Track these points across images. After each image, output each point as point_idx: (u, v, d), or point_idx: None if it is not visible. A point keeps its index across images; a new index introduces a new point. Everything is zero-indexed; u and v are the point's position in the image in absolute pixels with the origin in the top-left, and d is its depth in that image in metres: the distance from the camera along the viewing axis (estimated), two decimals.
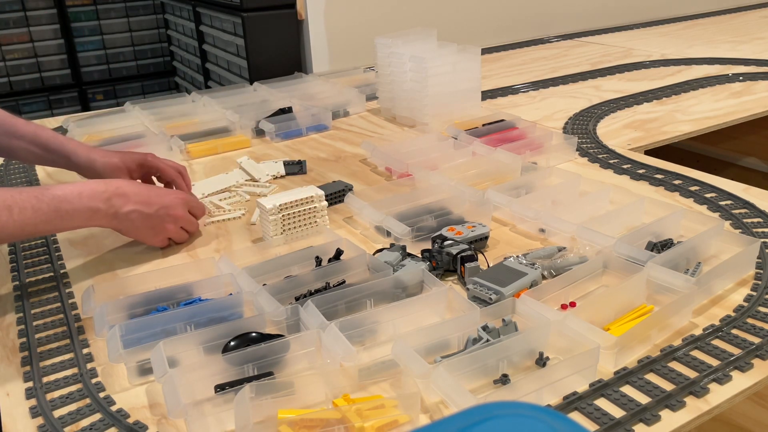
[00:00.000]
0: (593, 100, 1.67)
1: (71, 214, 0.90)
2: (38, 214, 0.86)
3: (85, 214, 0.91)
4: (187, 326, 0.81)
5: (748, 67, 1.91)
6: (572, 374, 0.69)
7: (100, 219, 0.93)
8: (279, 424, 0.64)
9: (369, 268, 0.91)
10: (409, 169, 1.23)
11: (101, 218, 0.93)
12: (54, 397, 0.73)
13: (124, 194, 0.95)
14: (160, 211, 0.99)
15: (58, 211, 0.88)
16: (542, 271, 0.88)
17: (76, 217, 0.90)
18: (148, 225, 0.99)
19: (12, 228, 0.84)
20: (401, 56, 1.52)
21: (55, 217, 0.88)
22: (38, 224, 0.87)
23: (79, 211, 0.91)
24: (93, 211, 0.92)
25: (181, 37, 2.72)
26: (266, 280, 0.90)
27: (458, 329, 0.76)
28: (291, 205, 1.01)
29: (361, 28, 2.16)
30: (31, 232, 0.88)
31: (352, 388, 0.70)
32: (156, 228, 1.00)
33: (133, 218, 0.96)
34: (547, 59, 2.18)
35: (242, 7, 1.99)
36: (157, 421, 0.69)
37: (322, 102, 1.69)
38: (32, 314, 0.89)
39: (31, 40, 2.88)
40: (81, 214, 0.91)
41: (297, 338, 0.75)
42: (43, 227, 0.88)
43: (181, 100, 1.76)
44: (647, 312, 0.80)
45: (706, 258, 0.92)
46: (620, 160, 1.28)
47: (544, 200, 1.08)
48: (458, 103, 1.55)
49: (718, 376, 0.70)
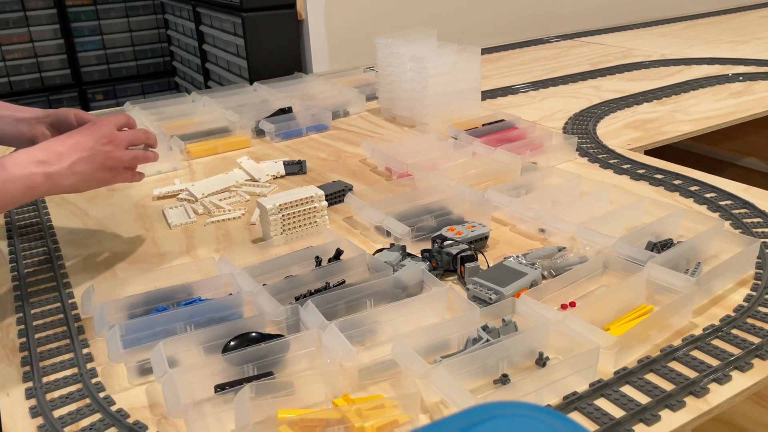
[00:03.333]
0: (593, 100, 1.67)
1: (3, 187, 0.80)
2: None
3: (19, 183, 0.81)
4: (187, 326, 0.81)
5: (748, 67, 1.91)
6: (572, 374, 0.69)
7: (40, 185, 0.83)
8: (279, 424, 0.64)
9: (369, 268, 0.91)
10: (409, 169, 1.23)
11: (40, 184, 0.83)
12: (54, 397, 0.73)
13: (52, 151, 0.85)
14: (98, 146, 0.88)
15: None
16: (542, 271, 0.88)
17: (9, 188, 0.80)
18: (97, 167, 0.88)
19: None
20: (401, 56, 1.52)
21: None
22: None
23: (11, 181, 0.80)
24: (28, 178, 0.82)
25: (181, 37, 2.72)
26: (266, 280, 0.90)
27: (458, 329, 0.76)
28: (291, 205, 1.01)
29: (361, 28, 2.16)
30: None
31: (352, 388, 0.70)
32: (107, 165, 0.89)
33: (79, 169, 0.87)
34: (547, 59, 2.18)
35: (242, 7, 1.99)
36: (157, 421, 0.69)
37: (322, 102, 1.69)
38: (32, 314, 0.89)
39: (31, 40, 2.88)
40: (14, 185, 0.80)
41: (297, 338, 0.75)
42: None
43: (181, 100, 1.76)
44: (647, 312, 0.80)
45: (706, 258, 0.92)
46: (620, 160, 1.28)
47: (544, 200, 1.08)
48: (458, 103, 1.55)
49: (718, 376, 0.70)
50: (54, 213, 1.20)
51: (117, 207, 1.21)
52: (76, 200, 1.25)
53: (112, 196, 1.26)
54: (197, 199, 1.22)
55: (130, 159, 0.93)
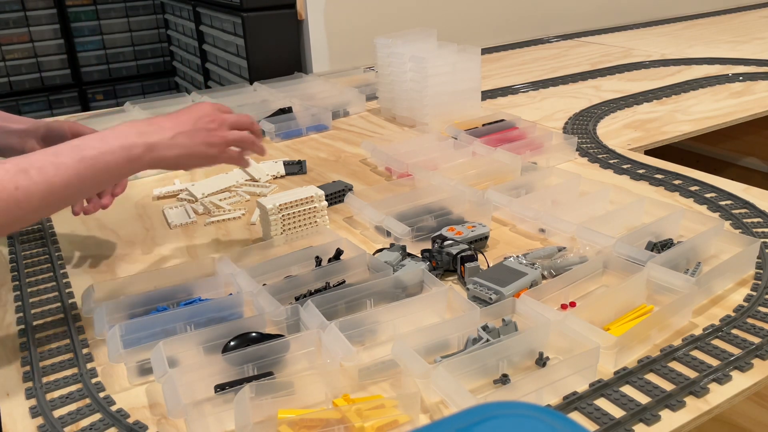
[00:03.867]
0: (593, 100, 1.67)
1: (102, 158, 0.77)
2: (62, 170, 0.74)
3: (119, 154, 0.78)
4: (187, 326, 0.81)
5: (748, 67, 1.91)
6: (572, 374, 0.69)
7: (141, 156, 0.80)
8: (279, 424, 0.64)
9: (369, 268, 0.91)
10: (409, 169, 1.23)
11: (141, 155, 0.80)
12: (54, 397, 0.73)
13: (153, 123, 0.83)
14: (199, 123, 0.87)
15: (83, 160, 0.76)
16: (542, 271, 0.88)
17: (108, 159, 0.78)
18: (199, 141, 0.86)
19: (39, 192, 0.72)
20: (401, 56, 1.52)
21: (83, 167, 0.75)
22: (69, 183, 0.74)
23: (109, 152, 0.78)
24: (128, 148, 0.79)
25: (181, 37, 2.72)
26: (266, 280, 0.90)
27: (458, 329, 0.76)
28: (291, 205, 1.01)
29: (361, 28, 2.16)
30: (65, 195, 0.75)
31: (352, 388, 0.70)
32: (209, 141, 0.87)
33: (181, 142, 0.84)
34: (547, 59, 2.18)
35: (242, 7, 1.99)
36: (157, 421, 0.69)
37: (322, 102, 1.69)
38: (32, 314, 0.89)
39: (31, 40, 2.88)
40: (114, 156, 0.78)
41: (297, 338, 0.75)
42: (77, 183, 0.75)
43: (181, 100, 1.76)
44: (647, 312, 0.80)
45: (706, 258, 0.92)
46: (620, 160, 1.28)
47: (544, 200, 1.08)
48: (458, 103, 1.55)
49: (718, 376, 0.70)
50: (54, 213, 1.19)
51: (117, 207, 1.21)
52: None
53: None
54: (197, 199, 1.22)
55: (234, 139, 0.91)
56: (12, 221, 0.72)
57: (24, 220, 0.74)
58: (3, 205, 0.70)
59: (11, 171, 0.72)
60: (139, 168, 0.83)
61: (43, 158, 0.75)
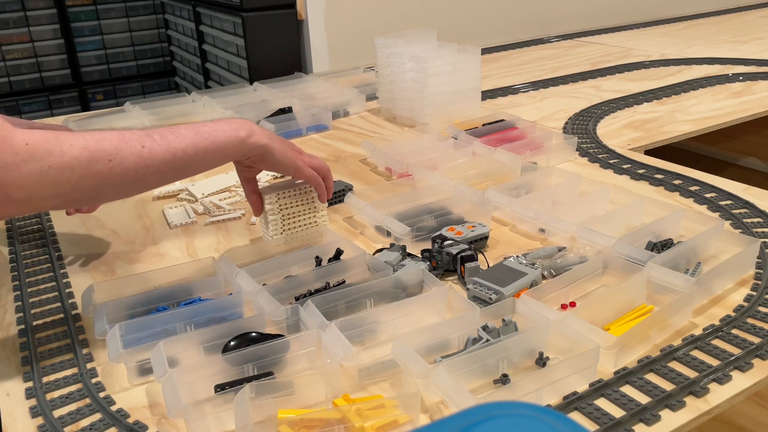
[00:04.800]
0: (593, 100, 1.67)
1: (214, 134, 0.84)
2: (181, 138, 0.80)
3: (227, 132, 0.85)
4: (187, 326, 0.81)
5: (748, 67, 1.91)
6: (572, 374, 0.69)
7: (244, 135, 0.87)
8: (279, 424, 0.64)
9: (369, 268, 0.91)
10: (409, 169, 1.23)
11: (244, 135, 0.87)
12: (54, 397, 0.73)
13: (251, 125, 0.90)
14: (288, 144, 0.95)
15: (198, 133, 0.82)
16: (542, 271, 0.88)
17: (219, 135, 0.84)
18: (290, 147, 0.94)
19: (162, 154, 0.78)
20: (401, 56, 1.52)
21: (200, 139, 0.82)
22: (186, 149, 0.80)
23: (221, 130, 0.85)
24: (235, 129, 0.86)
25: (181, 37, 2.72)
26: (266, 280, 0.90)
27: (458, 329, 0.76)
28: (289, 194, 1.00)
29: (361, 28, 2.16)
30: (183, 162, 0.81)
31: (352, 388, 0.70)
32: (295, 150, 0.95)
33: (275, 139, 0.91)
34: (547, 59, 2.18)
35: (242, 7, 1.99)
36: (157, 421, 0.69)
37: (322, 102, 1.69)
38: (32, 314, 0.89)
39: (31, 40, 2.88)
40: (224, 133, 0.85)
41: (297, 338, 0.75)
42: (193, 153, 0.81)
43: (181, 100, 1.76)
44: (647, 312, 0.80)
45: (706, 258, 0.92)
46: (620, 160, 1.28)
47: (544, 200, 1.08)
48: (458, 103, 1.55)
49: (718, 376, 0.70)
50: (54, 213, 1.19)
51: (117, 207, 1.21)
52: None
53: None
54: (197, 199, 1.22)
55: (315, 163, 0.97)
56: (137, 178, 0.78)
57: (146, 180, 0.80)
58: (131, 159, 0.76)
59: (137, 133, 0.78)
60: (242, 150, 0.88)
61: (164, 129, 0.81)
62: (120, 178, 0.76)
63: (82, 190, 0.74)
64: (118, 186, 0.77)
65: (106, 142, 0.75)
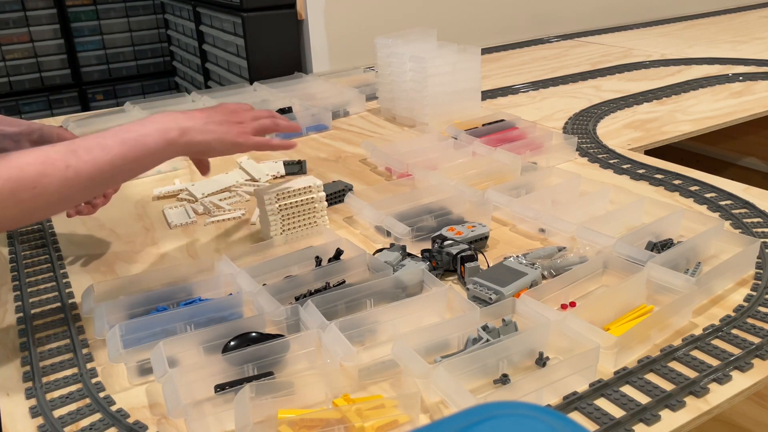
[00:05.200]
0: (593, 100, 1.67)
1: (141, 140, 0.83)
2: (107, 150, 0.80)
3: (155, 136, 0.84)
4: (187, 326, 0.81)
5: (748, 67, 1.91)
6: (572, 374, 0.69)
7: (176, 139, 0.86)
8: (279, 424, 0.64)
9: (369, 268, 0.91)
10: (409, 169, 1.23)
11: (177, 138, 0.86)
12: (54, 397, 0.73)
13: (186, 113, 0.90)
14: (228, 115, 0.94)
15: (125, 142, 0.81)
16: (542, 271, 0.88)
17: (148, 141, 0.83)
18: (227, 129, 0.92)
19: (87, 171, 0.77)
20: (401, 56, 1.52)
21: (126, 149, 0.81)
22: (113, 161, 0.80)
23: (149, 134, 0.84)
24: (164, 131, 0.85)
25: (181, 37, 2.72)
26: (266, 280, 0.90)
27: (458, 329, 0.76)
28: (289, 194, 1.00)
29: (361, 28, 2.16)
30: (110, 175, 0.81)
31: (352, 388, 0.70)
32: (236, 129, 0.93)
33: (211, 128, 0.90)
34: (547, 59, 2.18)
35: (242, 7, 1.99)
36: (157, 421, 0.69)
37: (322, 102, 1.69)
38: (32, 314, 0.89)
39: (31, 40, 2.88)
40: (152, 138, 0.84)
41: (297, 338, 0.75)
42: (121, 164, 0.81)
43: (181, 100, 1.76)
44: (647, 312, 0.80)
45: (706, 258, 0.92)
46: (620, 160, 1.28)
47: (544, 200, 1.08)
48: (458, 103, 1.55)
49: (718, 376, 0.70)
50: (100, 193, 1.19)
51: (117, 207, 1.21)
52: None
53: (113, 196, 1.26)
54: (197, 199, 1.22)
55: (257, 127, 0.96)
56: (62, 199, 0.78)
57: (73, 198, 0.80)
58: (56, 183, 0.76)
59: (61, 151, 0.77)
60: (175, 151, 0.87)
61: (90, 140, 0.80)
62: (45, 202, 0.76)
63: (7, 218, 0.75)
64: (44, 209, 0.78)
65: (30, 168, 0.74)
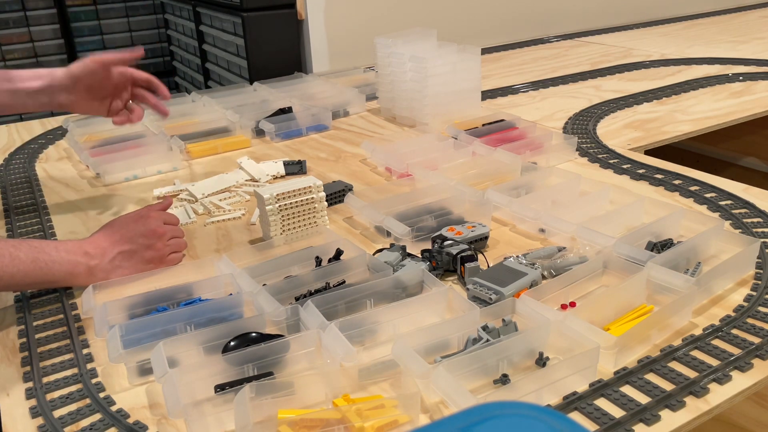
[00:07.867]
0: (593, 100, 1.67)
1: (50, 266, 0.87)
2: (16, 263, 0.84)
3: (64, 267, 0.89)
4: (187, 326, 0.81)
5: (748, 67, 1.91)
6: (572, 374, 0.69)
7: (80, 274, 0.90)
8: (279, 424, 0.64)
9: (369, 268, 0.91)
10: (409, 169, 1.23)
11: (80, 274, 0.90)
12: (54, 398, 0.73)
13: (99, 246, 0.92)
14: (140, 240, 0.94)
15: (36, 261, 0.86)
16: (542, 271, 0.88)
17: (55, 269, 0.88)
18: (136, 261, 0.94)
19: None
20: (401, 56, 1.52)
21: (33, 268, 0.86)
22: (15, 275, 0.84)
23: (58, 263, 0.88)
24: (73, 265, 0.89)
25: (181, 37, 2.72)
26: (266, 280, 0.90)
27: (458, 329, 0.76)
28: (288, 195, 1.00)
29: (361, 28, 2.16)
30: (8, 284, 0.85)
31: (352, 388, 0.70)
32: (146, 258, 0.95)
33: (118, 263, 0.93)
34: (547, 59, 2.18)
35: (242, 7, 1.99)
36: (157, 421, 0.69)
37: (322, 102, 1.69)
38: (32, 314, 0.89)
39: (31, 40, 2.88)
40: (60, 267, 0.88)
41: (297, 338, 0.75)
42: (20, 278, 0.85)
43: (181, 100, 1.76)
44: (647, 312, 0.80)
45: (706, 258, 0.92)
46: (620, 160, 1.28)
47: (544, 200, 1.08)
48: (458, 103, 1.55)
49: (718, 376, 0.70)
50: (54, 213, 1.20)
51: (117, 207, 1.21)
52: (77, 201, 1.25)
53: (112, 197, 1.26)
54: (197, 199, 1.22)
55: (167, 248, 0.97)
56: None
57: None
58: None
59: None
60: (76, 283, 0.92)
61: (5, 247, 0.84)
62: None
63: None
64: None
65: None
